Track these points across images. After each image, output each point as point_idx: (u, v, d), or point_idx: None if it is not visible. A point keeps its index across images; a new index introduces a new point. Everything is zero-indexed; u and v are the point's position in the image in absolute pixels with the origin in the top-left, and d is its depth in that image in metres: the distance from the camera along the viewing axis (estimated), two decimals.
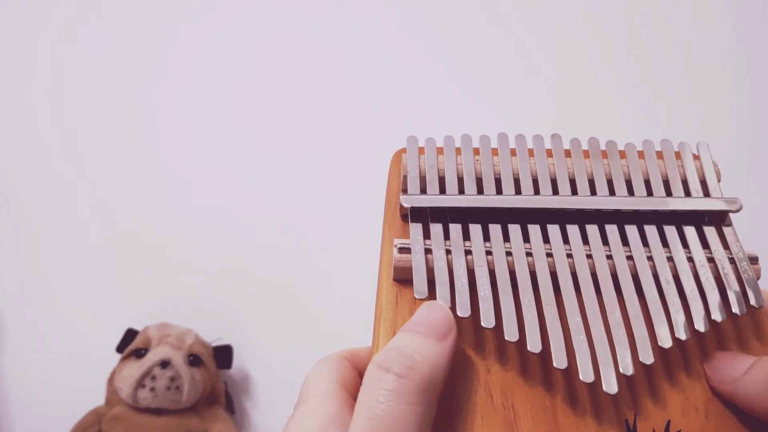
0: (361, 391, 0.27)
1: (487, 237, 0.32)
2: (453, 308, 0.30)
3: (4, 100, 1.14)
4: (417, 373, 0.26)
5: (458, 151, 0.35)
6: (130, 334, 0.98)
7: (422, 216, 0.33)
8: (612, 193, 0.34)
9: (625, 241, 0.33)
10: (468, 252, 0.32)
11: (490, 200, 0.33)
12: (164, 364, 0.91)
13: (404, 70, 1.10)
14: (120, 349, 0.98)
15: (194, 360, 0.94)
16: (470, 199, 0.33)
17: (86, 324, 1.05)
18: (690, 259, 0.32)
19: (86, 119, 1.13)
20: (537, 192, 0.34)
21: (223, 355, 0.99)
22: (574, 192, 0.34)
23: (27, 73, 1.15)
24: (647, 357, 0.29)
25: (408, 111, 1.07)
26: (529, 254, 0.32)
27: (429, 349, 0.27)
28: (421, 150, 0.36)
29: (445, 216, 0.33)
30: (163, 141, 1.12)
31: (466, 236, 0.32)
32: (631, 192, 0.34)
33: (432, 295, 0.30)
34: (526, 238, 0.32)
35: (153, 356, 0.92)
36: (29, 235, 1.09)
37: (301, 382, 0.32)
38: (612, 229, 0.33)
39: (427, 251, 0.32)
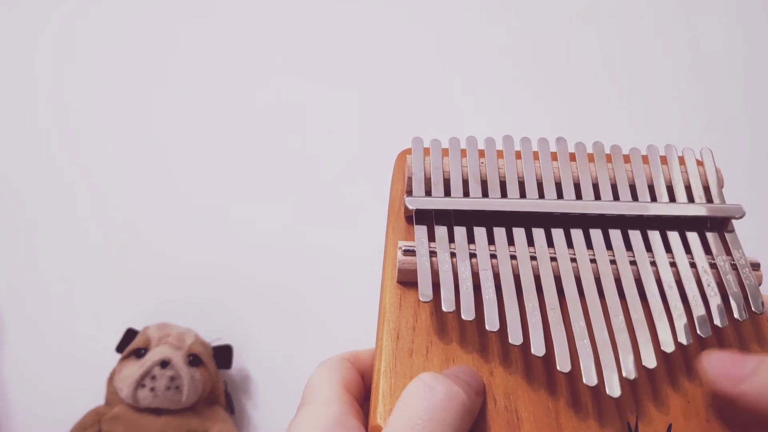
0: (401, 401, 0.27)
1: (491, 240, 0.33)
2: (458, 311, 0.30)
3: (5, 100, 1.14)
4: (460, 403, 0.27)
5: (463, 153, 0.35)
6: (130, 334, 0.98)
7: (427, 218, 0.33)
8: (616, 197, 0.35)
9: (628, 246, 0.33)
10: (473, 255, 0.32)
11: (494, 203, 0.33)
12: (164, 364, 0.91)
13: (409, 71, 1.10)
14: (120, 349, 0.98)
15: (194, 360, 0.94)
16: (475, 202, 0.33)
17: (86, 324, 1.05)
18: (693, 265, 0.32)
19: (86, 119, 1.13)
20: (541, 196, 0.34)
21: (223, 355, 0.99)
22: (579, 196, 0.34)
23: (27, 73, 1.15)
24: (650, 361, 0.29)
25: (411, 112, 1.07)
26: (533, 258, 0.32)
27: (470, 390, 0.28)
28: (426, 151, 0.36)
29: (450, 218, 0.33)
30: (163, 141, 1.12)
31: (471, 239, 0.33)
32: (634, 197, 0.35)
33: (437, 298, 0.30)
34: (531, 242, 0.33)
35: (153, 356, 0.92)
36: (29, 235, 1.09)
37: (302, 382, 0.32)
38: (616, 234, 0.33)
39: (432, 254, 0.32)
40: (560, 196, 0.34)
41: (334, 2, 1.14)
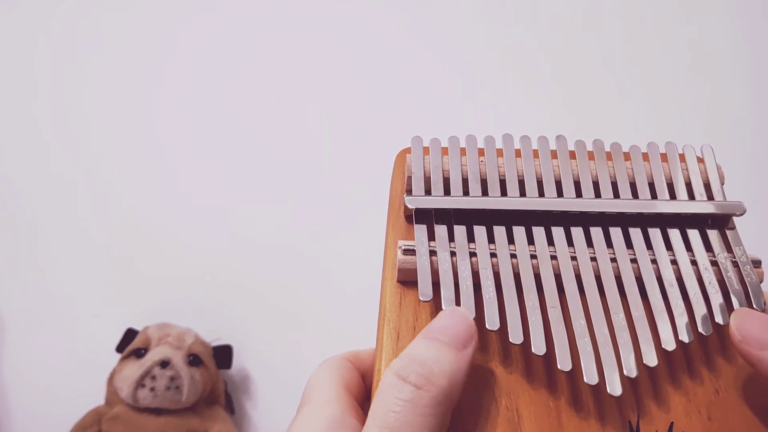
0: (375, 398, 0.27)
1: (491, 239, 0.32)
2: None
3: (4, 100, 1.14)
4: (434, 386, 0.26)
5: (463, 151, 0.35)
6: (130, 334, 0.98)
7: (426, 217, 0.33)
8: (616, 195, 0.34)
9: (629, 244, 0.33)
10: (473, 254, 0.32)
11: (494, 202, 0.33)
12: (164, 363, 0.91)
13: (408, 70, 1.10)
14: (120, 348, 0.98)
15: (194, 360, 0.94)
16: (475, 201, 0.33)
17: (86, 324, 1.05)
18: (693, 262, 0.32)
19: (86, 120, 1.13)
20: (541, 194, 0.34)
21: (223, 355, 0.99)
22: (579, 194, 0.34)
23: (27, 74, 1.15)
24: (651, 359, 0.29)
25: (410, 111, 1.07)
26: (533, 256, 0.32)
27: (448, 361, 0.27)
28: (425, 150, 0.36)
29: (450, 217, 0.33)
30: (163, 141, 1.12)
31: (471, 238, 0.32)
32: (635, 194, 0.35)
33: (437, 297, 0.30)
34: (531, 241, 0.33)
35: (153, 356, 0.92)
36: (29, 235, 1.09)
37: (302, 382, 0.32)
38: (616, 232, 0.33)
39: (432, 253, 0.32)
40: (560, 194, 0.34)
41: (333, 2, 1.14)
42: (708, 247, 0.33)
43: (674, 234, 0.33)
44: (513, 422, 0.28)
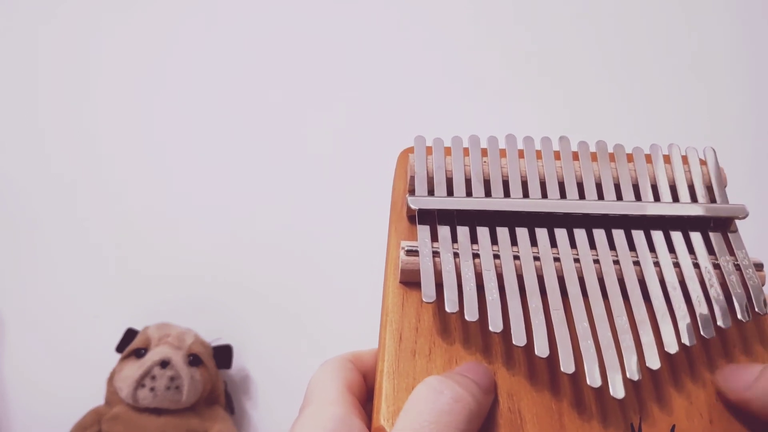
0: (408, 405, 0.27)
1: (494, 240, 0.32)
2: (461, 312, 0.30)
3: (5, 100, 1.14)
4: (467, 406, 0.27)
5: (466, 151, 0.35)
6: (130, 334, 0.98)
7: (429, 218, 0.33)
8: (619, 197, 0.34)
9: (632, 246, 0.33)
10: (476, 255, 0.32)
11: (497, 203, 0.33)
12: (164, 363, 0.91)
13: (409, 70, 1.10)
14: (120, 348, 0.98)
15: (194, 360, 0.94)
16: (478, 202, 0.33)
17: (86, 324, 1.05)
18: (696, 265, 0.32)
19: (86, 120, 1.13)
20: (545, 195, 0.34)
21: (223, 354, 0.99)
22: (582, 196, 0.34)
23: (27, 73, 1.15)
24: (654, 362, 0.29)
25: (411, 111, 1.07)
26: (536, 258, 0.32)
27: (478, 392, 0.28)
28: (428, 150, 0.35)
29: (453, 218, 0.33)
30: (163, 141, 1.12)
31: (474, 239, 0.32)
32: (638, 196, 0.35)
33: (440, 298, 0.30)
34: (534, 242, 0.32)
35: (153, 356, 0.92)
36: (29, 235, 1.09)
37: (302, 382, 0.32)
38: (619, 234, 0.33)
39: (435, 254, 0.32)
40: (563, 195, 0.34)
41: (333, 2, 1.14)
42: (710, 249, 0.33)
43: (677, 236, 0.33)
44: (515, 424, 0.28)
